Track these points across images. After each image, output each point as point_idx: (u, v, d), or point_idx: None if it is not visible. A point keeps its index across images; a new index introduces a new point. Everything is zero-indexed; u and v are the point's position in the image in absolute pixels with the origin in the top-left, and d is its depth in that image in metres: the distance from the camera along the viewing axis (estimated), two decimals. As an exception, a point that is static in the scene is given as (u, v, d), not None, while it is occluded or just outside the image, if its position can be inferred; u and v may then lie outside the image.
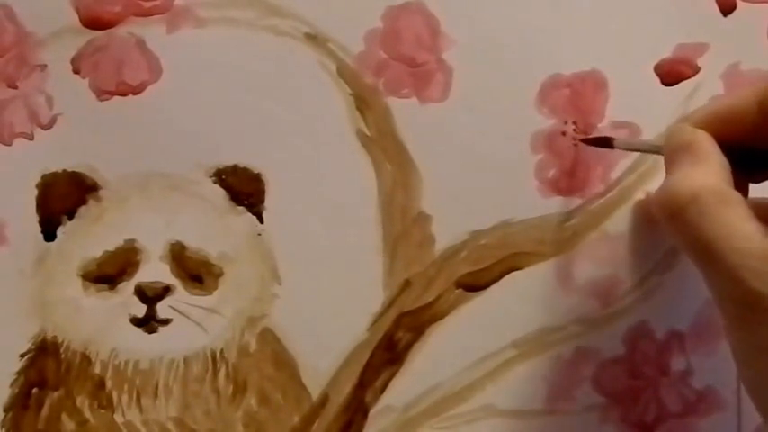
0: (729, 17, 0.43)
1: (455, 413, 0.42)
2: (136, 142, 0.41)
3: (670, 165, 0.36)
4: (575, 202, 0.42)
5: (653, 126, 0.42)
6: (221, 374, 0.41)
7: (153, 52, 0.41)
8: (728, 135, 0.36)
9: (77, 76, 0.41)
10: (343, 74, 0.42)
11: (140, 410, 0.41)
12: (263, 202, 0.41)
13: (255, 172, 0.41)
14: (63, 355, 0.41)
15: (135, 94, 0.41)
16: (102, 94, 0.41)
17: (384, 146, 0.42)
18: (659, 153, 0.38)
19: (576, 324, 0.42)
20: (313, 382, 0.41)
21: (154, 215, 0.41)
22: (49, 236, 0.41)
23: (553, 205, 0.42)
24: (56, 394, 0.41)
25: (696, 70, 0.43)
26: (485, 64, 0.42)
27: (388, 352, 0.42)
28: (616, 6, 0.42)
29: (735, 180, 0.34)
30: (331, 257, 0.42)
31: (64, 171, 0.41)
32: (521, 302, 0.42)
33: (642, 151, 0.42)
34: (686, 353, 0.43)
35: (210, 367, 0.41)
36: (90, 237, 0.41)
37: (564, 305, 0.42)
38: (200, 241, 0.41)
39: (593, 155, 0.42)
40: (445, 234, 0.42)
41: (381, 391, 0.42)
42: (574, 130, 0.42)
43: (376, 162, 0.42)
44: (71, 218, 0.41)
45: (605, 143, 0.41)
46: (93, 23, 0.41)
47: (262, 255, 0.41)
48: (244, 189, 0.41)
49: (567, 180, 0.42)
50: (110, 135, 0.41)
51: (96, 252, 0.41)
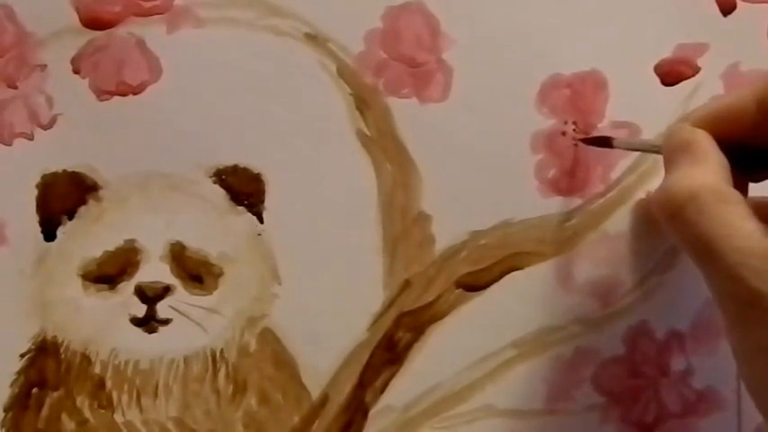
0: (729, 17, 0.43)
1: (455, 413, 0.42)
2: (136, 142, 0.41)
3: (669, 164, 0.36)
4: (575, 202, 0.42)
5: (653, 126, 0.42)
6: (221, 374, 0.41)
7: (153, 52, 0.41)
8: (727, 134, 0.36)
9: (77, 76, 0.41)
10: (343, 74, 0.42)
11: (140, 410, 0.41)
12: (263, 202, 0.41)
13: (255, 172, 0.41)
14: (63, 355, 0.41)
15: (135, 94, 0.41)
16: (102, 94, 0.41)
17: (384, 146, 0.42)
18: (659, 153, 0.38)
19: (576, 324, 0.42)
20: (313, 382, 0.41)
21: (154, 215, 0.41)
22: (49, 236, 0.41)
23: (553, 205, 0.42)
24: (56, 394, 0.41)
25: (696, 70, 0.43)
26: (485, 64, 0.42)
27: (388, 352, 0.42)
28: (616, 6, 0.42)
29: (734, 179, 0.34)
30: (331, 257, 0.42)
31: (64, 171, 0.41)
32: (521, 302, 0.42)
33: (642, 151, 0.42)
34: (686, 353, 0.43)
35: (210, 367, 0.41)
36: (90, 237, 0.41)
37: (564, 305, 0.42)
38: (200, 241, 0.41)
39: (593, 155, 0.42)
40: (445, 234, 0.42)
41: (381, 391, 0.42)
42: (574, 130, 0.42)
43: (376, 162, 0.42)
44: (71, 218, 0.41)
45: (605, 143, 0.41)
46: (93, 23, 0.41)
47: (262, 255, 0.41)
48: (244, 189, 0.41)
49: (567, 180, 0.42)
50: (110, 135, 0.41)
51: (96, 252, 0.41)
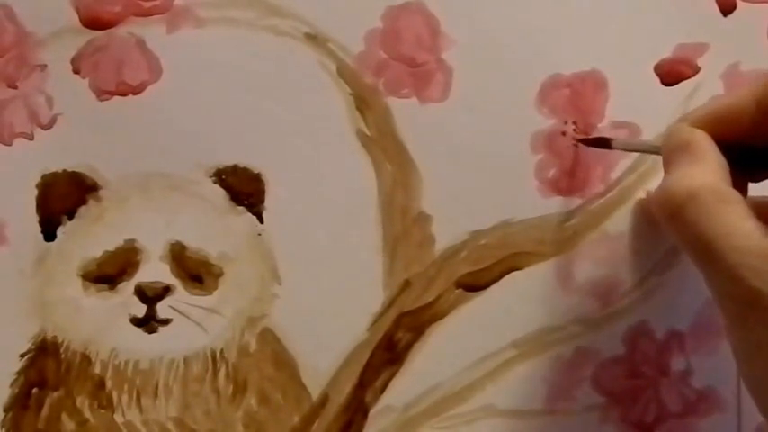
0: (729, 17, 0.43)
1: (455, 413, 0.42)
2: (136, 142, 0.41)
3: (668, 164, 0.36)
4: (575, 202, 0.42)
5: (653, 126, 0.42)
6: (221, 374, 0.41)
7: (153, 52, 0.41)
8: (727, 134, 0.36)
9: (77, 76, 0.41)
10: (343, 74, 0.42)
11: (140, 410, 0.41)
12: (263, 202, 0.41)
13: (255, 172, 0.41)
14: (63, 355, 0.41)
15: (135, 94, 0.41)
16: (102, 94, 0.41)
17: (384, 146, 0.42)
18: (658, 153, 0.38)
19: (576, 324, 0.42)
20: (313, 382, 0.41)
21: (154, 215, 0.41)
22: (49, 236, 0.41)
23: (553, 205, 0.42)
24: (56, 394, 0.41)
25: (696, 70, 0.43)
26: (485, 64, 0.42)
27: (388, 352, 0.42)
28: (616, 6, 0.42)
29: (733, 179, 0.34)
30: (331, 257, 0.42)
31: (64, 171, 0.41)
32: (521, 302, 0.42)
33: (641, 152, 0.42)
34: (686, 353, 0.43)
35: (210, 367, 0.41)
36: (90, 237, 0.41)
37: (564, 305, 0.42)
38: (200, 241, 0.41)
39: (593, 155, 0.42)
40: (445, 234, 0.42)
41: (381, 391, 0.42)
42: (574, 130, 0.42)
43: (376, 162, 0.42)
44: (71, 218, 0.41)
45: (604, 144, 0.41)
46: (93, 23, 0.41)
47: (262, 255, 0.41)
48: (244, 189, 0.41)
49: (567, 180, 0.42)
50: (110, 135, 0.41)
51: (96, 252, 0.41)
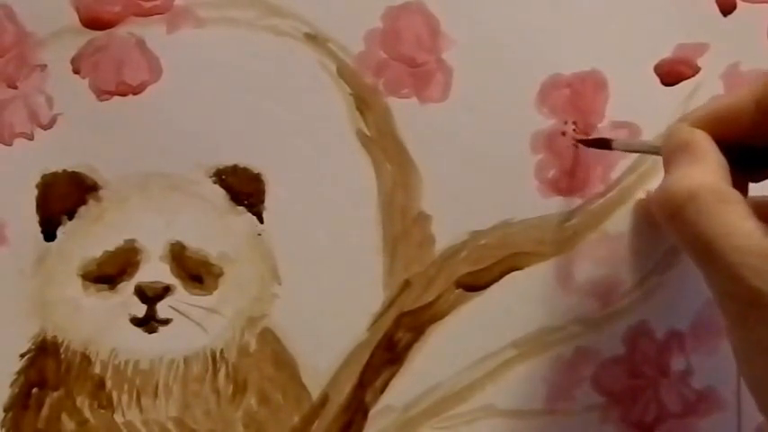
0: (729, 17, 0.43)
1: (455, 413, 0.42)
2: (136, 142, 0.41)
3: (668, 164, 0.36)
4: (575, 202, 0.42)
5: (653, 126, 0.42)
6: (221, 374, 0.41)
7: (153, 52, 0.41)
8: (727, 134, 0.36)
9: (77, 76, 0.41)
10: (343, 74, 0.42)
11: (140, 410, 0.41)
12: (263, 202, 0.41)
13: (255, 172, 0.41)
14: (63, 355, 0.41)
15: (135, 94, 0.41)
16: (102, 94, 0.41)
17: (384, 146, 0.42)
18: (658, 154, 0.38)
19: (576, 324, 0.42)
20: (313, 382, 0.41)
21: (154, 215, 0.41)
22: (49, 236, 0.41)
23: (553, 205, 0.42)
24: (56, 394, 0.41)
25: (696, 70, 0.43)
26: (485, 64, 0.42)
27: (388, 352, 0.42)
28: (616, 6, 0.42)
29: (734, 179, 0.34)
30: (331, 257, 0.41)
31: (64, 171, 0.41)
32: (521, 302, 0.42)
33: (641, 152, 0.42)
34: (686, 353, 0.43)
35: (210, 367, 0.41)
36: (90, 237, 0.41)
37: (564, 305, 0.42)
38: (200, 241, 0.41)
39: (593, 155, 0.42)
40: (445, 234, 0.42)
41: (381, 391, 0.42)
42: (574, 130, 0.42)
43: (376, 162, 0.42)
44: (71, 218, 0.41)
45: (604, 144, 0.41)
46: (93, 23, 0.41)
47: (262, 255, 0.41)
48: (244, 189, 0.41)
49: (567, 180, 0.42)
50: (110, 135, 0.41)
51: (96, 252, 0.41)
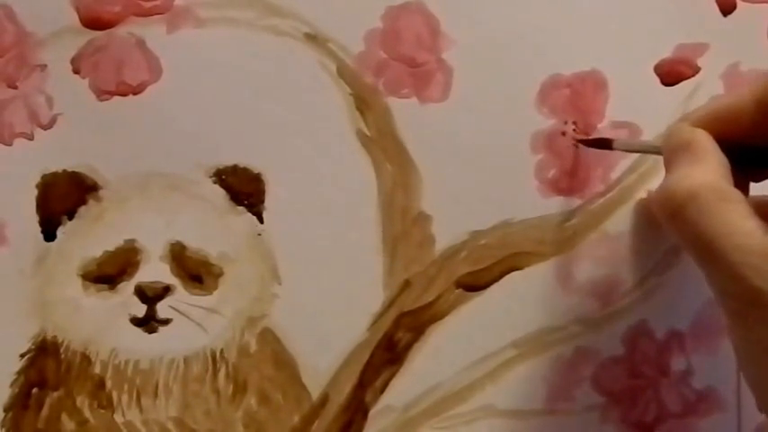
0: (729, 17, 0.43)
1: (455, 413, 0.42)
2: (136, 142, 0.41)
3: (669, 164, 0.36)
4: (575, 202, 0.42)
5: (653, 126, 0.42)
6: (221, 374, 0.41)
7: (153, 52, 0.41)
8: (727, 134, 0.36)
9: (77, 76, 0.41)
10: (343, 74, 0.42)
11: (140, 410, 0.41)
12: (263, 202, 0.41)
13: (255, 172, 0.41)
14: (63, 355, 0.41)
15: (135, 94, 0.41)
16: (102, 94, 0.41)
17: (384, 146, 0.42)
18: (658, 154, 0.38)
19: (576, 324, 0.42)
20: (313, 382, 0.41)
21: (154, 215, 0.41)
22: (49, 236, 0.41)
23: (553, 205, 0.42)
24: (56, 394, 0.41)
25: (696, 70, 0.43)
26: (485, 64, 0.42)
27: (388, 352, 0.42)
28: (616, 6, 0.42)
29: (735, 179, 0.34)
30: (331, 257, 0.41)
31: (64, 171, 0.41)
32: (521, 302, 0.42)
33: (641, 152, 0.42)
34: (686, 353, 0.43)
35: (210, 367, 0.41)
36: (90, 237, 0.41)
37: (564, 305, 0.42)
38: (200, 241, 0.41)
39: (593, 155, 0.42)
40: (445, 234, 0.42)
41: (381, 391, 0.42)
42: (574, 130, 0.42)
43: (376, 162, 0.42)
44: (71, 218, 0.41)
45: (604, 144, 0.41)
46: (93, 23, 0.41)
47: (262, 255, 0.41)
48: (244, 189, 0.41)
49: (567, 180, 0.42)
50: (110, 135, 0.41)
51: (96, 252, 0.41)
